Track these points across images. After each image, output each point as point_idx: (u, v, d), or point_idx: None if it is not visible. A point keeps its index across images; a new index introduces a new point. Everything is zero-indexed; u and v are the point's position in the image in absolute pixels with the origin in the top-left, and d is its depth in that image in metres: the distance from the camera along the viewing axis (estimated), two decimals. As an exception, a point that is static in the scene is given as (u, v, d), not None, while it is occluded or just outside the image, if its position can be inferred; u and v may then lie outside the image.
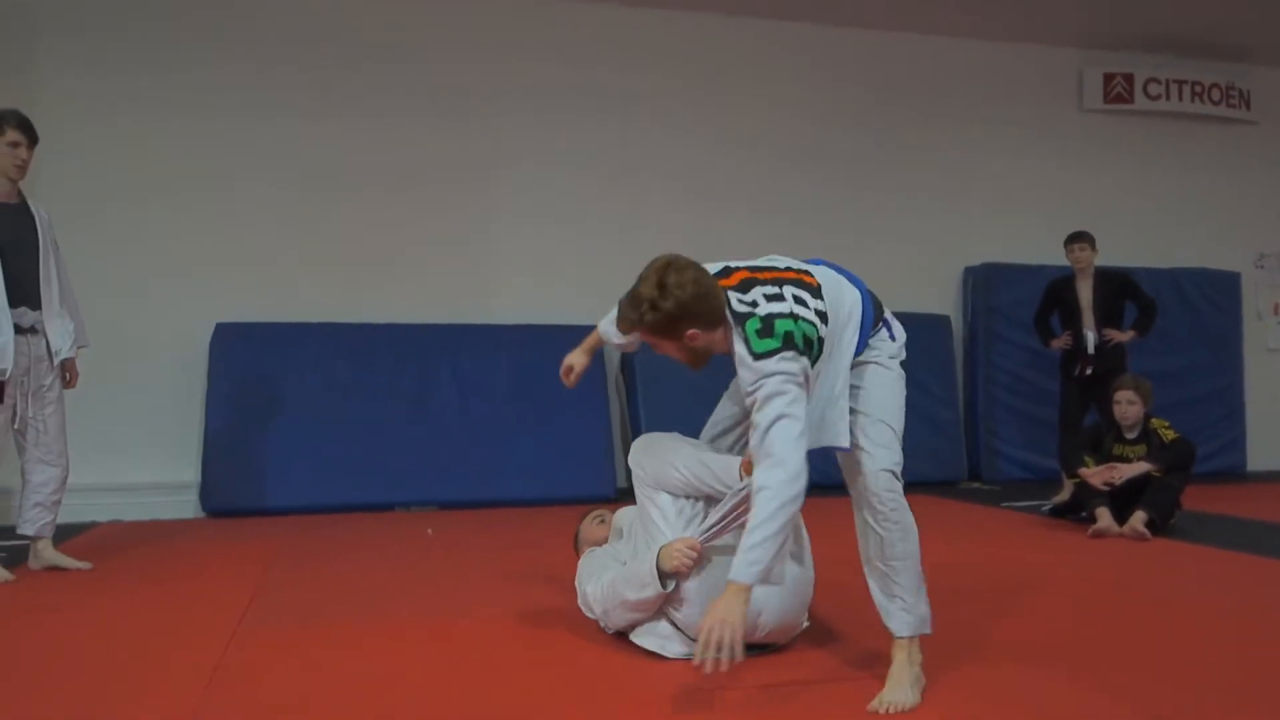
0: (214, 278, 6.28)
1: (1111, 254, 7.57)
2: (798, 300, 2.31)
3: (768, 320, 2.27)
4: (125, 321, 6.02)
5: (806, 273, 2.42)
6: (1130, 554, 4.40)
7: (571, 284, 6.81)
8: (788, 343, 2.24)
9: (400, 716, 2.32)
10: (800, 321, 2.27)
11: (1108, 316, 6.20)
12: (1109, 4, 7.37)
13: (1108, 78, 8.06)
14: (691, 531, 2.65)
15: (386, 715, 2.33)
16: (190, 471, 6.02)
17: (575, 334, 6.76)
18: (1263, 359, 8.24)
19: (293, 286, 6.40)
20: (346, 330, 6.32)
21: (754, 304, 2.30)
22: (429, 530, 5.15)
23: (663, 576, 2.58)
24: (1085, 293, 6.22)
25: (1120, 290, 6.26)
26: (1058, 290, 6.36)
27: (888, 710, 2.24)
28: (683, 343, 2.36)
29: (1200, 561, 4.30)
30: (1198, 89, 8.19)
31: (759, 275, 2.37)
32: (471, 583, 3.84)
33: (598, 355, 6.56)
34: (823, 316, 2.32)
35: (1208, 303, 7.94)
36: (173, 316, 6.19)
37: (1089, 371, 6.09)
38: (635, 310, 2.33)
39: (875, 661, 2.58)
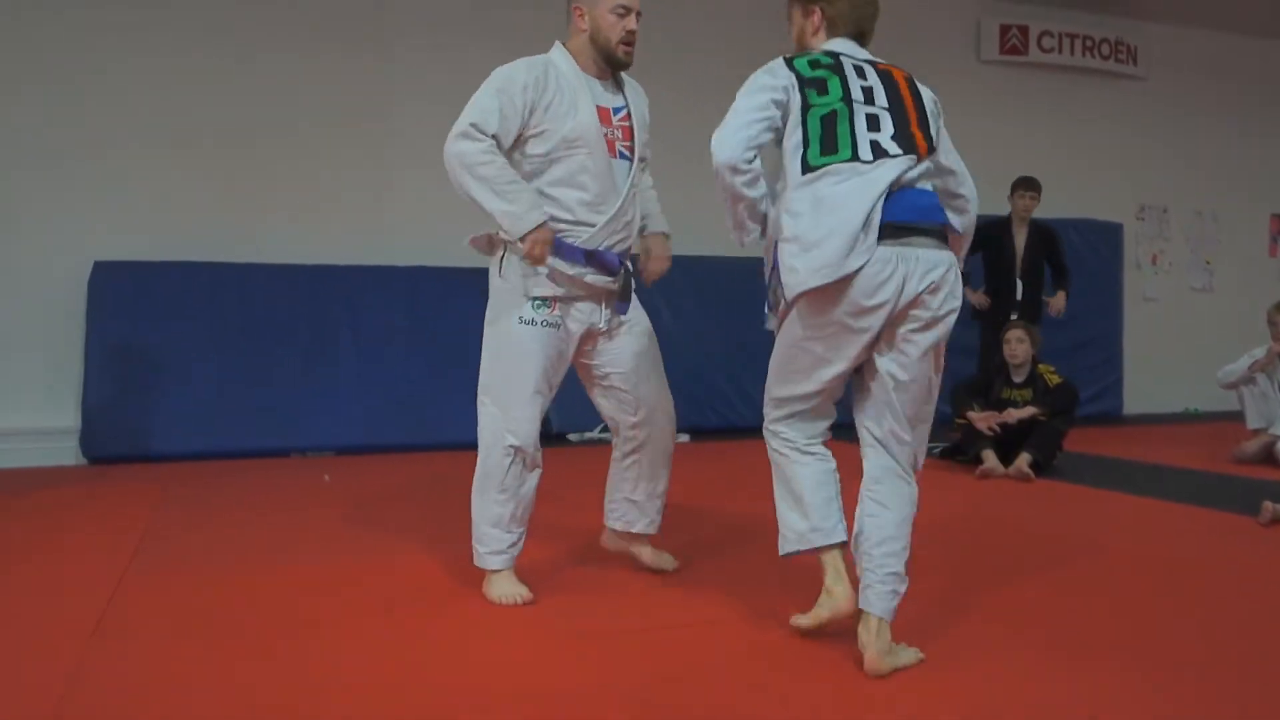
0: (91, 212, 5.95)
1: (1002, 203, 7.75)
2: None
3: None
4: (-6, 258, 5.70)
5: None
6: (1014, 493, 4.58)
7: (469, 225, 6.65)
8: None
9: (299, 667, 2.28)
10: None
11: (1034, 270, 5.98)
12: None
13: (1004, 29, 8.21)
14: None
15: (282, 666, 2.28)
16: (70, 417, 5.75)
17: (473, 276, 6.70)
18: (1140, 307, 8.62)
19: (179, 223, 6.11)
20: (237, 270, 6.08)
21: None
22: (325, 476, 5.04)
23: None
24: (1020, 240, 6.02)
25: (1050, 246, 6.08)
26: (991, 235, 5.94)
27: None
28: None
29: (1079, 500, 4.50)
30: (1088, 43, 8.40)
31: None
32: (370, 530, 3.78)
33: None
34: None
35: (1091, 252, 8.23)
36: (46, 253, 5.85)
37: (1015, 318, 5.86)
38: None
39: (743, 605, 2.63)
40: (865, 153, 2.22)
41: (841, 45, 2.43)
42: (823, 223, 2.17)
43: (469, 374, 6.12)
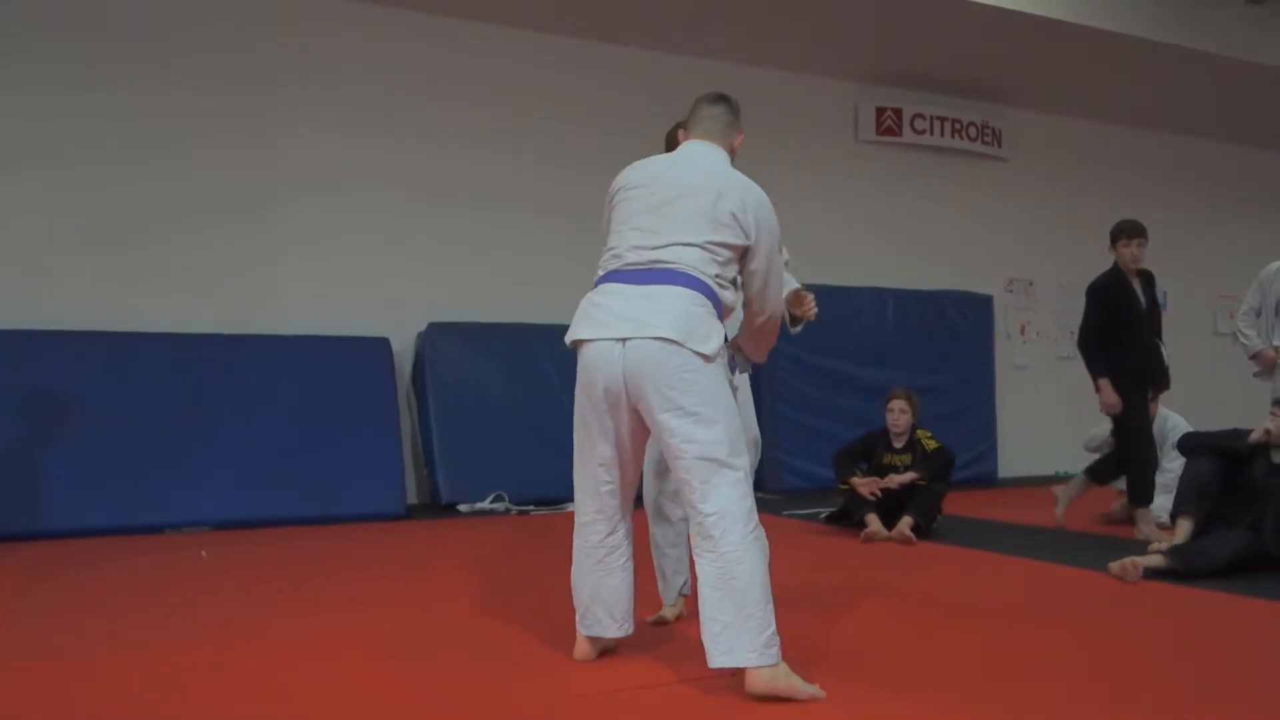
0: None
1: (882, 275, 8.10)
2: None
3: None
4: None
5: None
6: (898, 556, 4.71)
7: (358, 294, 6.64)
8: None
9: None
10: None
11: (1155, 322, 5.19)
12: (882, 42, 7.89)
13: (879, 111, 8.63)
14: None
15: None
16: (-78, 495, 5.41)
17: (362, 346, 6.64)
18: (1011, 375, 9.03)
19: (46, 288, 5.90)
20: (112, 339, 5.88)
21: None
22: (203, 553, 4.86)
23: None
24: (1141, 295, 5.14)
25: (1153, 294, 5.23)
26: (1114, 294, 5.00)
27: None
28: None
29: (958, 561, 4.66)
30: (957, 126, 8.90)
31: None
32: (247, 606, 3.65)
33: (388, 368, 6.45)
34: None
35: (965, 323, 8.62)
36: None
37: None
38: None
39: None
40: None
41: None
42: None
43: (354, 444, 6.11)
